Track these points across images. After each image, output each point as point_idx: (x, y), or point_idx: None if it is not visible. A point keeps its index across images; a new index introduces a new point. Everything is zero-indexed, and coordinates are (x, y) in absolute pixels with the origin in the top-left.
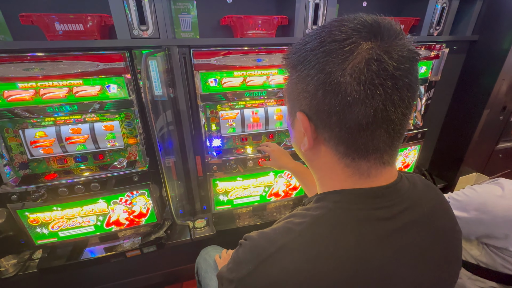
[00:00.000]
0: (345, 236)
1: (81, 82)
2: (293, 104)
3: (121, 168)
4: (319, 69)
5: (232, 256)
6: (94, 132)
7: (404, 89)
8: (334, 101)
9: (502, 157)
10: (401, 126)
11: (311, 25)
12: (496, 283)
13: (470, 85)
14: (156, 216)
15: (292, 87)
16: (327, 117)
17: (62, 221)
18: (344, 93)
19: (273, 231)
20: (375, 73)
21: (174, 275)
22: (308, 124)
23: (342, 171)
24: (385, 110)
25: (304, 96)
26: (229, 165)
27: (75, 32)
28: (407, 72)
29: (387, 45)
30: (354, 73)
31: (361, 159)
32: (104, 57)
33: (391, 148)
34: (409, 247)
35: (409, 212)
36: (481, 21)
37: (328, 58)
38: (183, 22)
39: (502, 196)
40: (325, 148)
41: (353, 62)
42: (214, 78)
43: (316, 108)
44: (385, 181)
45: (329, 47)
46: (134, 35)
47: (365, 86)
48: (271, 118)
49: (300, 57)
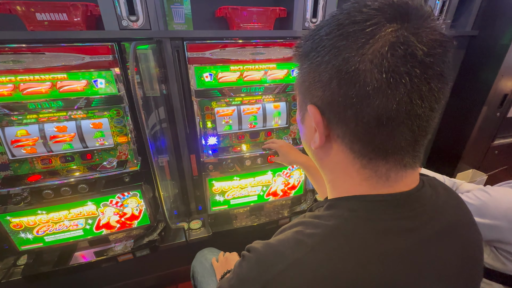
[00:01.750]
0: (365, 252)
1: (65, 76)
2: (303, 97)
3: (111, 168)
4: (335, 54)
5: (235, 271)
6: (81, 130)
7: (435, 79)
8: (350, 92)
9: (498, 153)
10: (427, 124)
11: (311, 18)
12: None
13: (469, 81)
14: (149, 218)
15: (303, 78)
16: (342, 110)
17: (48, 225)
18: (362, 82)
19: (281, 243)
20: (401, 59)
21: (169, 278)
22: (320, 118)
23: (357, 173)
24: (411, 103)
25: (317, 87)
26: (226, 164)
27: (59, 22)
28: (439, 59)
29: (416, 27)
30: (375, 59)
31: (379, 160)
32: (90, 49)
33: (415, 149)
34: (435, 261)
35: (433, 222)
36: (481, 16)
37: (346, 42)
38: (175, 14)
39: None
40: (338, 146)
41: (375, 46)
42: (209, 73)
43: (329, 100)
44: (406, 187)
45: (346, 30)
46: (123, 26)
47: (388, 74)
48: (269, 115)
49: (313, 43)
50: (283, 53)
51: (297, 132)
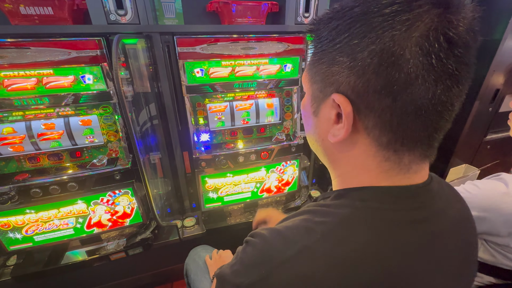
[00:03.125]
0: (376, 242)
1: (51, 72)
2: (322, 86)
3: (101, 166)
4: (377, 36)
5: (239, 256)
6: (69, 127)
7: (465, 67)
8: (392, 79)
9: (490, 148)
10: (454, 112)
11: (303, 13)
12: (494, 278)
13: None
14: (142, 216)
15: (324, 64)
16: (377, 100)
17: (37, 225)
18: (407, 68)
19: (289, 230)
20: (448, 48)
21: (163, 276)
22: (351, 109)
23: (377, 166)
24: (449, 90)
25: (345, 74)
26: (219, 161)
27: (43, 16)
28: (470, 51)
29: (464, 22)
30: (422, 43)
31: (405, 152)
32: (77, 44)
33: (437, 139)
34: (441, 254)
35: (442, 215)
36: None
37: (391, 23)
38: (166, 8)
39: (507, 193)
40: (363, 139)
41: (422, 29)
42: (200, 68)
43: (363, 88)
44: (421, 179)
45: (390, 10)
46: (111, 21)
47: (434, 60)
48: (262, 110)
49: (343, 23)
50: (275, 48)
51: (290, 128)
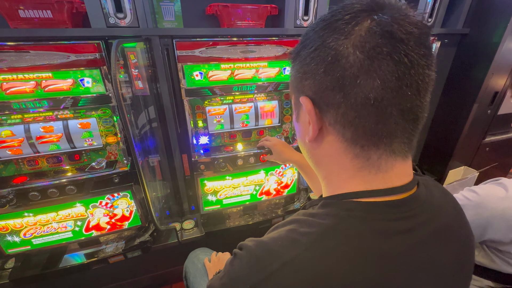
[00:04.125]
0: (360, 252)
1: (50, 75)
2: (297, 94)
3: (100, 169)
4: (320, 43)
5: (226, 269)
6: (68, 130)
7: (418, 62)
8: (337, 75)
9: (489, 150)
10: (416, 108)
11: (302, 16)
12: (492, 282)
13: (460, 78)
14: (141, 219)
15: (295, 75)
16: (331, 96)
17: (36, 228)
18: (347, 64)
19: (274, 241)
20: (380, 38)
21: (162, 278)
22: (311, 106)
23: (351, 164)
24: (396, 82)
25: (306, 78)
26: (218, 164)
27: (43, 19)
28: (417, 41)
29: (391, 13)
30: (356, 41)
31: (371, 147)
32: (76, 47)
33: (404, 135)
34: (430, 263)
35: (430, 223)
36: (472, 14)
37: (329, 32)
38: (165, 11)
39: (506, 198)
40: (331, 135)
41: (356, 30)
42: (199, 71)
43: (319, 87)
44: (398, 179)
45: (330, 23)
46: (110, 24)
47: (369, 54)
48: (261, 113)
49: (302, 42)
50: (274, 51)
51: (290, 130)
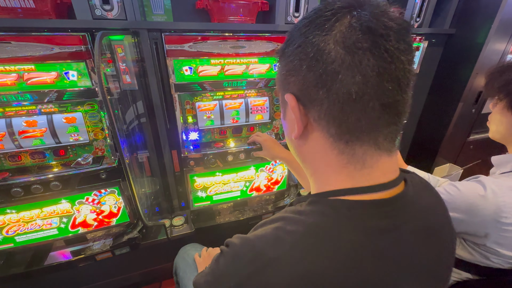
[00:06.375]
0: (343, 250)
1: (33, 68)
2: (283, 92)
3: (86, 164)
4: (303, 40)
5: (212, 266)
6: (53, 124)
7: (398, 57)
8: (319, 71)
9: (473, 148)
10: (398, 102)
11: (293, 12)
12: (471, 275)
13: (446, 78)
14: (129, 215)
15: (280, 73)
16: (314, 91)
17: (19, 225)
18: (329, 60)
19: (260, 239)
20: (360, 33)
21: (152, 275)
22: (295, 103)
23: (336, 160)
24: (377, 77)
25: (291, 75)
26: (208, 160)
27: (25, 10)
28: (396, 36)
29: (370, 10)
30: (337, 37)
31: (355, 142)
32: (60, 39)
33: (387, 129)
34: (412, 261)
35: (414, 222)
36: (458, 15)
37: (311, 29)
38: (154, 4)
39: (484, 196)
40: (316, 132)
41: (336, 27)
42: (189, 66)
43: (302, 84)
44: (383, 175)
45: (312, 20)
46: (97, 16)
47: (350, 49)
48: (252, 109)
49: (287, 41)
50: (265, 47)
51: (280, 127)
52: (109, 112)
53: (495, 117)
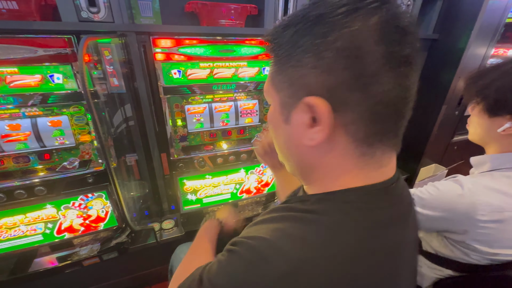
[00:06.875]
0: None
1: (16, 70)
2: (291, 92)
3: (72, 168)
4: (337, 34)
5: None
6: (37, 128)
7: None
8: (359, 71)
9: (457, 149)
10: (412, 101)
11: (282, 16)
12: (453, 271)
13: (430, 81)
14: (117, 220)
15: (290, 68)
16: (350, 94)
17: (1, 232)
18: (370, 60)
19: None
20: (396, 34)
21: (141, 279)
22: (326, 108)
23: (355, 162)
24: (409, 76)
25: (314, 74)
26: (198, 163)
27: (8, 11)
28: (416, 36)
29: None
30: (377, 35)
31: (377, 144)
32: (44, 41)
33: (401, 129)
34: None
35: (408, 212)
36: (441, 20)
37: (347, 21)
38: (142, 7)
39: (462, 195)
40: (339, 137)
41: (375, 23)
42: (177, 69)
43: (334, 84)
44: (392, 170)
45: (343, 10)
46: (83, 18)
47: (390, 48)
48: (241, 112)
49: (304, 27)
50: (254, 50)
51: None
52: (93, 116)
53: (473, 119)
